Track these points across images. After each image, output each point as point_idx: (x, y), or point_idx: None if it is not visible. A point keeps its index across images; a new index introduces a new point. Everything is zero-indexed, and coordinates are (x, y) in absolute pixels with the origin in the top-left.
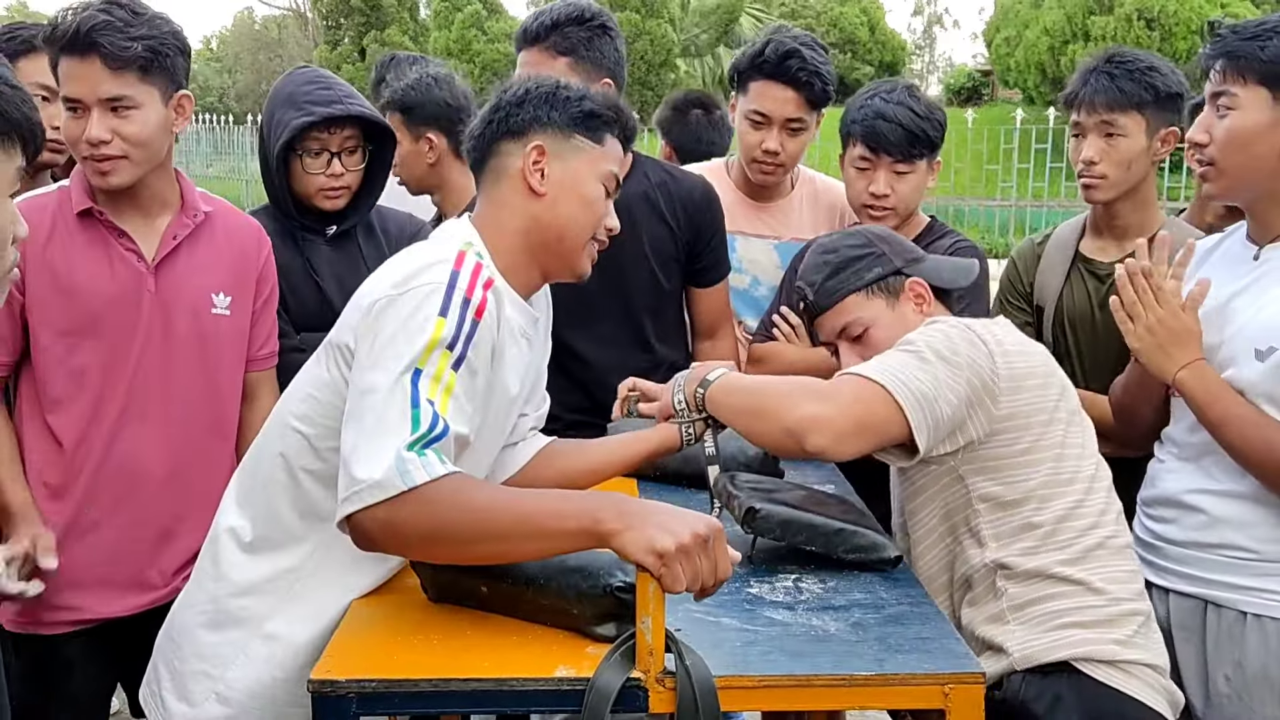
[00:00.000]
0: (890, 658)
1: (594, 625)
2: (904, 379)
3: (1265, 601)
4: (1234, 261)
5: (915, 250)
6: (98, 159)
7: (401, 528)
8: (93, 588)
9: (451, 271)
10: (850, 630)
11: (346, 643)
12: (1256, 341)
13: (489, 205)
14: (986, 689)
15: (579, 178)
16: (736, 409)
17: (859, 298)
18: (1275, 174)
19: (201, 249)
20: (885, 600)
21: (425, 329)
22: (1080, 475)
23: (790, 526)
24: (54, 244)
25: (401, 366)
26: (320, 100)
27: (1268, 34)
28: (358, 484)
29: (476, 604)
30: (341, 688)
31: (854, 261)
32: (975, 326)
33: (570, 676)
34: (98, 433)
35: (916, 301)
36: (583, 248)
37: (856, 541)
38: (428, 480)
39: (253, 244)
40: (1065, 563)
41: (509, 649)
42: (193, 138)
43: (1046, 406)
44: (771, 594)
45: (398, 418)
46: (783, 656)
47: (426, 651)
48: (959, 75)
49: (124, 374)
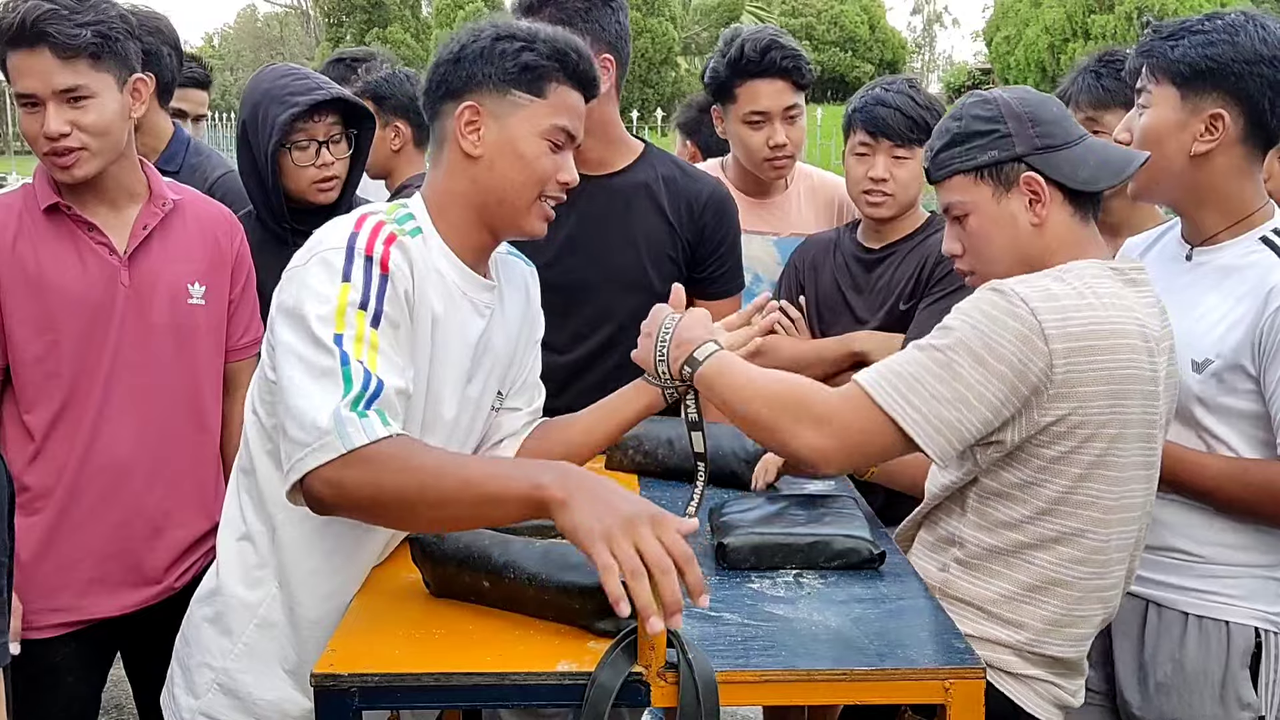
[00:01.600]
0: (891, 653)
1: (595, 620)
2: (919, 402)
3: (1206, 603)
4: (1169, 261)
5: (1062, 132)
6: (59, 153)
7: (348, 490)
8: (82, 588)
9: (350, 234)
10: (851, 625)
11: (349, 637)
12: (1193, 352)
13: (435, 167)
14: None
15: (516, 136)
16: (730, 409)
17: (965, 180)
18: (1185, 175)
19: (174, 239)
20: (886, 595)
21: (331, 297)
22: (1101, 502)
23: (763, 552)
24: (22, 242)
25: (322, 333)
26: (300, 90)
27: (1182, 34)
28: (300, 449)
29: (478, 599)
30: (344, 682)
31: (973, 137)
32: (1044, 310)
33: (572, 671)
34: (77, 431)
35: (1031, 200)
36: (528, 207)
37: (834, 549)
38: (368, 442)
39: (225, 232)
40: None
41: (510, 643)
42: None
43: (1110, 420)
44: (772, 589)
45: (329, 380)
46: (784, 651)
47: (428, 646)
48: (959, 73)
49: (100, 370)
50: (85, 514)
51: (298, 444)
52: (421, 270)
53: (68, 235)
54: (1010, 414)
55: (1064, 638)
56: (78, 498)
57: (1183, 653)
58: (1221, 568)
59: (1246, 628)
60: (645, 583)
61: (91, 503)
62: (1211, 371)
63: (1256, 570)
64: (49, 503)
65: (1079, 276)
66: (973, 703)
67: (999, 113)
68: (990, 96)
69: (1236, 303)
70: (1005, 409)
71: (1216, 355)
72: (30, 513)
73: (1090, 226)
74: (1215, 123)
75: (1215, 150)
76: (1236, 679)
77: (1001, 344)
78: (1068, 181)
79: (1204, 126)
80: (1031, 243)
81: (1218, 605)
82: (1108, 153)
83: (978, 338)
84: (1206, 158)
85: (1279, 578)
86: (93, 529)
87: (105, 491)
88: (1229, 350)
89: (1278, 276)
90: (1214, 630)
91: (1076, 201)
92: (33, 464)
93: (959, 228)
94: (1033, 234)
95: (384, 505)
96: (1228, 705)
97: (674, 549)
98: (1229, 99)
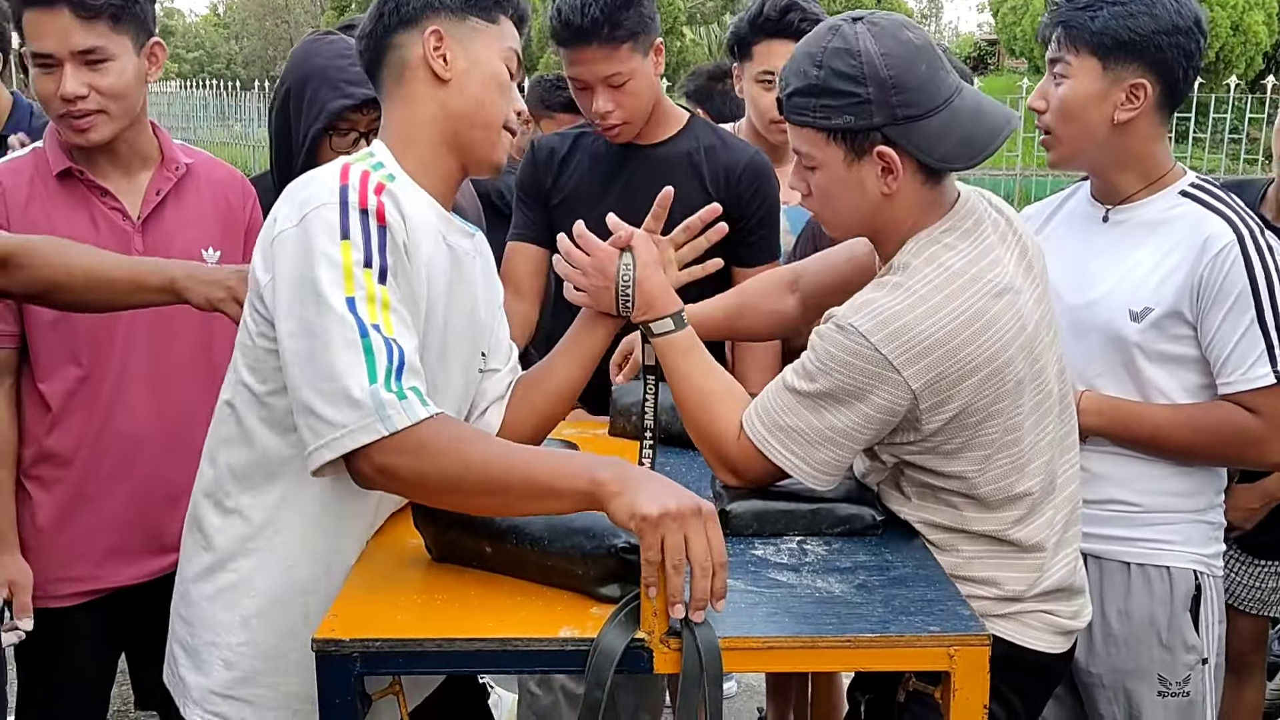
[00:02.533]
0: (895, 620)
1: (598, 586)
2: (796, 449)
3: (1147, 550)
4: (1082, 221)
5: (926, 99)
6: (75, 115)
7: (398, 474)
8: (101, 557)
9: (340, 187)
10: (855, 592)
11: (350, 603)
12: (1129, 303)
13: (393, 105)
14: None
15: (482, 58)
16: (677, 398)
17: (817, 136)
18: (1108, 142)
19: (187, 203)
20: (890, 562)
21: (335, 257)
22: (1029, 458)
23: (766, 518)
24: (34, 207)
25: (334, 299)
26: (357, 79)
27: (1099, 4)
28: (334, 428)
29: (480, 564)
30: (345, 647)
31: (830, 94)
32: (884, 340)
33: (574, 637)
34: (95, 400)
35: (883, 170)
36: (497, 133)
37: (836, 515)
38: (411, 424)
39: (238, 196)
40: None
41: (513, 609)
42: (200, 104)
43: (996, 395)
44: (776, 556)
45: (350, 352)
46: (788, 618)
47: (430, 612)
48: (965, 44)
49: (116, 338)
50: (104, 483)
51: (331, 423)
52: (412, 220)
53: (81, 201)
54: (883, 440)
55: (1041, 577)
56: (96, 467)
57: (1129, 602)
58: (1159, 514)
59: (1186, 571)
60: (682, 576)
61: (110, 472)
62: (1151, 321)
63: (1190, 515)
64: (68, 472)
65: (917, 271)
66: (978, 669)
67: (861, 74)
68: (856, 49)
69: (1170, 252)
70: (883, 434)
71: (1156, 303)
72: (49, 482)
73: (940, 187)
74: (1136, 92)
75: (1136, 118)
76: (1180, 623)
77: (858, 385)
78: (922, 157)
79: (1125, 96)
80: (879, 210)
81: (1158, 552)
82: (974, 123)
83: (835, 384)
84: (1128, 125)
85: (1210, 520)
86: (111, 498)
87: (123, 460)
88: (1168, 298)
89: (1211, 226)
90: (1156, 577)
91: (929, 171)
92: (51, 434)
93: (807, 173)
94: (881, 202)
95: (435, 491)
96: (1173, 649)
97: (716, 550)
98: (1148, 69)
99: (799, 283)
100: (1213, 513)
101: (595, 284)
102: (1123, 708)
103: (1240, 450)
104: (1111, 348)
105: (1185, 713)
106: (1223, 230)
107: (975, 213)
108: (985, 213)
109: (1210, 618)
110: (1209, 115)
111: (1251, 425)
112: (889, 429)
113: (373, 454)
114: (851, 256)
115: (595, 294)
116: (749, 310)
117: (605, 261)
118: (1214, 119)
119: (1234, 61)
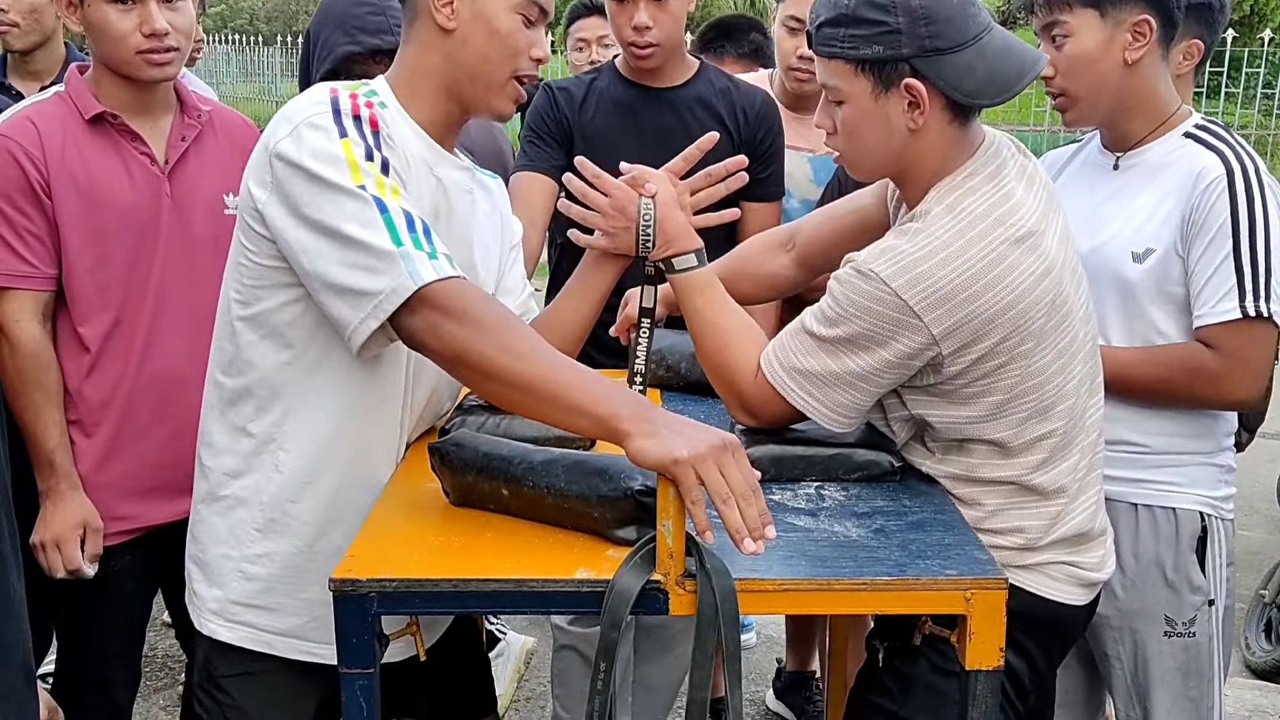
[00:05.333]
0: (912, 563)
1: (614, 529)
2: (815, 392)
3: (1154, 492)
4: (1093, 170)
5: (956, 32)
6: (159, 50)
7: (442, 336)
8: (142, 496)
9: (330, 99)
10: (872, 536)
11: (367, 544)
12: (1132, 245)
13: (406, 44)
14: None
15: (490, 10)
16: (694, 335)
17: (846, 67)
18: (1122, 87)
19: (207, 149)
20: (908, 507)
21: (338, 154)
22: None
23: (783, 463)
24: (70, 151)
25: (345, 182)
26: (370, 28)
27: None
28: (370, 297)
29: (497, 507)
30: (363, 587)
31: (860, 23)
32: (905, 286)
33: (590, 579)
34: (131, 343)
35: (909, 104)
36: (501, 85)
37: (854, 461)
38: (441, 278)
39: (250, 141)
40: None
41: (529, 551)
42: (222, 58)
43: (1021, 338)
44: (794, 501)
45: (370, 227)
46: (804, 561)
47: (447, 553)
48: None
49: (150, 282)
50: (143, 425)
51: (367, 293)
52: (396, 138)
53: (112, 146)
54: (911, 376)
55: (1058, 522)
56: (135, 409)
57: (1137, 543)
58: (1167, 456)
59: (1193, 513)
60: (735, 507)
61: (148, 414)
62: (1153, 261)
63: (1199, 457)
64: (108, 415)
65: (939, 218)
66: (994, 612)
67: (892, 2)
68: None
69: (1168, 194)
70: (903, 379)
71: (1156, 244)
72: (90, 425)
73: (967, 127)
74: (1140, 28)
75: (1145, 55)
76: (1186, 564)
77: (879, 330)
78: (950, 92)
79: (1131, 35)
80: (905, 146)
81: (1165, 493)
82: (1001, 60)
83: (856, 330)
84: (1138, 65)
85: (1219, 463)
86: (150, 439)
87: (160, 402)
88: (1167, 237)
89: (1204, 161)
90: (1163, 518)
91: (957, 108)
92: (90, 377)
93: (833, 109)
94: (907, 138)
95: (472, 370)
96: (1179, 590)
97: (749, 478)
98: (1144, 3)
99: (795, 239)
100: (1222, 455)
101: (615, 225)
102: (1129, 648)
103: (1199, 388)
104: (1117, 292)
105: (1192, 653)
106: (1214, 164)
107: (1000, 155)
108: (1010, 156)
109: (1217, 559)
110: (1242, 70)
111: (1210, 363)
112: (910, 373)
113: (416, 308)
114: (856, 207)
115: (614, 235)
116: (744, 275)
117: (625, 202)
118: (1246, 74)
119: (1269, 15)
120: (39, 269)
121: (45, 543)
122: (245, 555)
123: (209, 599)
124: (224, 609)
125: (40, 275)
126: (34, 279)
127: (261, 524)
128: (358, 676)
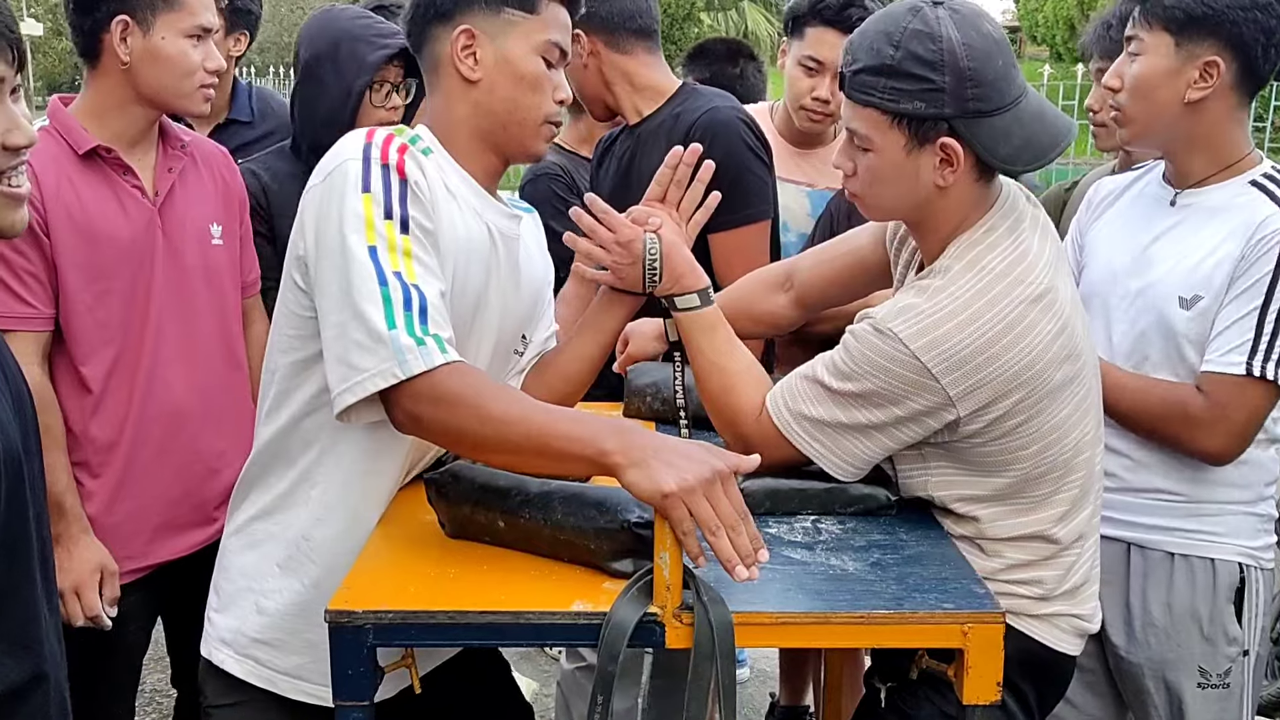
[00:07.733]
0: (909, 597)
1: (611, 561)
2: (824, 438)
3: (1190, 541)
4: (1150, 203)
5: (998, 95)
6: (208, 86)
7: (423, 421)
8: (151, 535)
9: (364, 145)
10: (869, 570)
11: (363, 575)
12: (1181, 289)
13: (433, 96)
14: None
15: (514, 56)
16: (697, 374)
17: (881, 118)
18: (1178, 121)
19: (191, 180)
20: (905, 541)
21: (357, 209)
22: (1061, 461)
23: (779, 496)
24: (65, 188)
25: (355, 248)
26: (387, 33)
27: None
28: (356, 373)
29: (493, 539)
30: (358, 619)
31: (904, 77)
32: (923, 347)
33: (587, 610)
34: (133, 380)
35: (941, 161)
36: (536, 129)
37: (851, 495)
38: (426, 370)
39: (228, 169)
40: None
41: (526, 583)
42: None
43: (1035, 397)
44: (790, 534)
45: (370, 300)
46: (801, 594)
47: (443, 585)
48: None
49: (149, 317)
50: (150, 462)
51: (354, 368)
52: (438, 188)
53: (104, 181)
54: (924, 436)
55: (1071, 573)
56: (141, 446)
57: (1172, 593)
58: (1205, 505)
59: (1230, 564)
60: (726, 538)
61: (154, 450)
62: (1200, 309)
63: (1237, 507)
64: (115, 454)
65: (959, 276)
66: (991, 647)
67: (940, 60)
68: (938, 34)
69: (1223, 241)
70: (917, 438)
71: (1205, 290)
72: (98, 466)
73: (990, 184)
74: (1210, 70)
75: (1209, 97)
76: (1223, 614)
77: (895, 390)
78: (985, 155)
79: (1198, 74)
80: (929, 201)
81: (1203, 544)
82: (1037, 125)
83: (871, 387)
84: (1200, 105)
85: (1259, 513)
86: (158, 475)
87: (165, 437)
88: (1217, 285)
89: (1265, 212)
90: (1200, 568)
91: (985, 167)
92: (95, 416)
93: (857, 153)
94: (932, 194)
95: (457, 444)
96: (1214, 641)
97: (739, 505)
98: (1223, 46)
99: (793, 279)
100: (1262, 505)
101: (621, 261)
102: (1163, 697)
103: (1176, 429)
104: (1161, 335)
105: (1224, 703)
106: (1276, 217)
107: (1017, 208)
108: (1025, 209)
109: (1254, 610)
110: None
111: (1195, 407)
112: (926, 432)
113: (399, 399)
114: (853, 248)
115: (620, 271)
116: (741, 314)
117: (631, 238)
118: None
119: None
120: (38, 310)
121: (64, 591)
122: (263, 589)
123: (224, 628)
124: (235, 640)
125: (40, 316)
126: (34, 320)
127: (282, 559)
128: (352, 710)
